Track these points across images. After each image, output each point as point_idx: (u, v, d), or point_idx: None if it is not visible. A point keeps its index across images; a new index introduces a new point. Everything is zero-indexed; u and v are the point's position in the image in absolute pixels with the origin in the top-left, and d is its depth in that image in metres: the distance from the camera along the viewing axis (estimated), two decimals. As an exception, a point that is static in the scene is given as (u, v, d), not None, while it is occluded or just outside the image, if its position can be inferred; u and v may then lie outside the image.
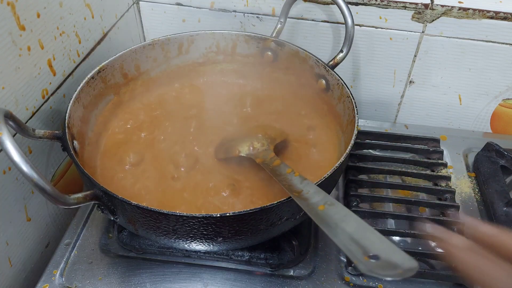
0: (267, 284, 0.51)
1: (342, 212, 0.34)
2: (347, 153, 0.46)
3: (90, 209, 0.59)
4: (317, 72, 0.59)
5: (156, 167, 0.54)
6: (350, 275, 0.52)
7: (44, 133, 0.46)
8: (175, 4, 0.72)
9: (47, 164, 0.56)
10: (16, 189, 0.51)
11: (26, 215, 0.54)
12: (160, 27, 0.75)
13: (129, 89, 0.62)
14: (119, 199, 0.40)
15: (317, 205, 0.36)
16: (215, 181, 0.52)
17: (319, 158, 0.56)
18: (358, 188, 0.60)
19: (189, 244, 0.44)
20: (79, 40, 0.59)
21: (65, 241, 0.56)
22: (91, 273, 0.52)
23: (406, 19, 0.65)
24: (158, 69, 0.65)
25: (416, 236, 0.55)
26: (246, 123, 0.61)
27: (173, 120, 0.61)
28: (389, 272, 0.27)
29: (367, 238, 0.30)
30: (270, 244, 0.53)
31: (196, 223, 0.40)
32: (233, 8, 0.70)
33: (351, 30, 0.59)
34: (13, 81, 0.47)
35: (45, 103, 0.53)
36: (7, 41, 0.45)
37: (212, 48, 0.66)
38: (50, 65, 0.53)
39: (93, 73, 0.55)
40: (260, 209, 0.40)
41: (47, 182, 0.35)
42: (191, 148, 0.57)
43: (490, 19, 0.63)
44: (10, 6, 0.45)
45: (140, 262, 0.53)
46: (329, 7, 0.67)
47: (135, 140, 0.58)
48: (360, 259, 0.28)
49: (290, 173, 0.43)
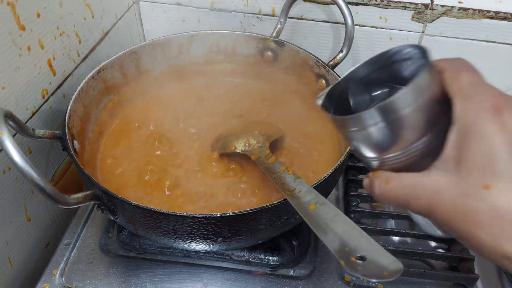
0: (267, 284, 0.51)
1: (333, 212, 0.34)
2: (347, 153, 0.46)
3: (90, 209, 0.59)
4: (317, 72, 0.59)
5: (156, 167, 0.54)
6: (350, 275, 0.52)
7: (44, 133, 0.46)
8: (175, 4, 0.72)
9: (47, 164, 0.56)
10: (16, 189, 0.51)
11: (26, 215, 0.54)
12: (160, 27, 0.75)
13: (129, 89, 0.62)
14: (119, 199, 0.40)
15: (308, 204, 0.36)
16: (215, 179, 0.52)
17: (319, 158, 0.56)
18: (358, 188, 0.60)
19: (189, 244, 0.44)
20: (79, 40, 0.59)
21: (65, 241, 0.56)
22: (91, 273, 0.52)
23: (406, 19, 0.65)
24: (158, 69, 0.65)
25: (416, 236, 0.55)
26: (244, 121, 0.61)
27: (173, 120, 0.61)
28: (375, 274, 0.27)
29: (355, 239, 0.30)
30: (270, 244, 0.53)
31: (196, 223, 0.40)
32: (233, 8, 0.70)
33: (351, 30, 0.59)
34: (13, 81, 0.47)
35: (45, 103, 0.53)
36: (7, 41, 0.45)
37: (212, 48, 0.66)
38: (50, 65, 0.53)
39: (93, 73, 0.55)
40: (260, 209, 0.40)
41: (47, 182, 0.35)
42: (191, 147, 0.57)
43: (490, 19, 0.63)
44: (10, 6, 0.45)
45: (140, 262, 0.53)
46: (329, 7, 0.67)
47: (135, 140, 0.58)
48: (347, 260, 0.28)
49: (284, 171, 0.43)
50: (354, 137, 0.30)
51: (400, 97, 0.27)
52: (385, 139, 0.29)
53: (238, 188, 0.51)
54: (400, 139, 0.28)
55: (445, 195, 0.27)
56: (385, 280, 0.27)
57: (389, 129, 0.28)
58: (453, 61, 0.30)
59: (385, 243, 0.55)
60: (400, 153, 0.29)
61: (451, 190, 0.27)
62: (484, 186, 0.26)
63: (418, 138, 0.28)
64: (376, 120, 0.28)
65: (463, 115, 0.27)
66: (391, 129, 0.28)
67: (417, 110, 0.27)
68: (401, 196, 0.30)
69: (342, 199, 0.61)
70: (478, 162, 0.26)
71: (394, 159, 0.30)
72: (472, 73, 0.29)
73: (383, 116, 0.28)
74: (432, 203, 0.28)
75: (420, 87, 0.27)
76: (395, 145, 0.29)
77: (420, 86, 0.27)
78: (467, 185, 0.26)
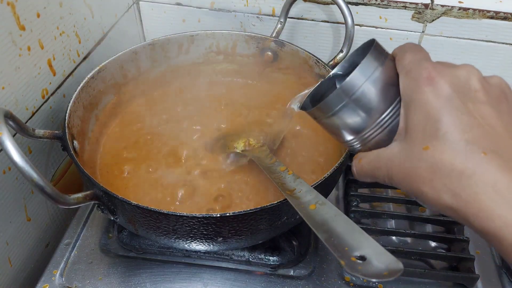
0: (267, 284, 0.51)
1: (332, 212, 0.34)
2: (347, 153, 0.46)
3: (90, 209, 0.59)
4: (317, 72, 0.59)
5: (156, 167, 0.54)
6: (350, 275, 0.52)
7: (44, 133, 0.46)
8: (175, 4, 0.72)
9: (47, 164, 0.56)
10: (16, 189, 0.51)
11: (26, 215, 0.54)
12: (160, 27, 0.75)
13: (129, 89, 0.62)
14: (119, 199, 0.40)
15: (308, 204, 0.36)
16: (215, 179, 0.52)
17: (319, 158, 0.56)
18: (358, 188, 0.60)
19: (189, 244, 0.44)
20: (79, 40, 0.59)
21: (65, 241, 0.56)
22: (91, 273, 0.52)
23: (406, 19, 0.65)
24: (158, 69, 0.65)
25: (415, 236, 0.55)
26: (244, 121, 0.61)
27: (173, 120, 0.61)
28: (375, 273, 0.27)
29: (355, 238, 0.30)
30: (270, 244, 0.53)
31: (196, 223, 0.40)
32: (233, 8, 0.70)
33: (351, 30, 0.59)
34: (13, 81, 0.47)
35: (45, 103, 0.53)
36: (7, 41, 0.45)
37: (212, 48, 0.66)
38: (50, 65, 0.53)
39: (93, 73, 0.55)
40: (260, 209, 0.40)
41: (47, 182, 0.35)
42: (191, 147, 0.57)
43: (490, 19, 0.63)
44: (10, 6, 0.45)
45: (140, 262, 0.53)
46: (329, 7, 0.67)
47: (135, 140, 0.58)
48: (346, 259, 0.28)
49: (284, 171, 0.43)
50: (330, 123, 0.35)
51: (354, 76, 0.32)
52: (353, 117, 0.33)
53: (238, 188, 0.51)
54: (366, 115, 0.33)
55: (396, 161, 0.31)
56: (385, 280, 0.27)
57: (354, 107, 0.33)
58: (402, 46, 0.34)
59: (385, 243, 0.55)
60: (370, 130, 0.33)
61: (401, 156, 0.31)
62: (424, 148, 0.29)
63: (380, 113, 0.32)
64: (341, 101, 0.33)
65: (405, 89, 0.31)
66: (356, 106, 0.33)
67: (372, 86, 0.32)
68: (369, 170, 0.34)
69: (342, 199, 0.61)
70: (419, 128, 0.30)
71: (367, 137, 0.34)
72: (413, 52, 0.32)
73: (345, 96, 0.32)
74: (388, 170, 0.32)
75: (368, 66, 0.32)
76: (364, 122, 0.33)
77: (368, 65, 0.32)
78: (412, 149, 0.30)
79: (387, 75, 0.32)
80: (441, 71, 0.30)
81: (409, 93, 0.31)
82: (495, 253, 0.55)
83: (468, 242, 0.53)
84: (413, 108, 0.30)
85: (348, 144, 0.35)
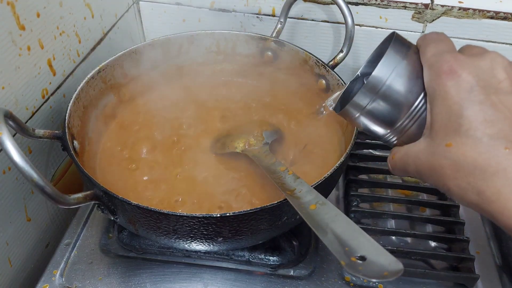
0: (267, 284, 0.51)
1: (333, 212, 0.34)
2: (347, 153, 0.46)
3: (90, 209, 0.59)
4: (317, 72, 0.59)
5: (156, 167, 0.54)
6: (351, 275, 0.52)
7: (44, 133, 0.46)
8: (175, 4, 0.72)
9: (47, 164, 0.56)
10: (16, 189, 0.51)
11: (26, 215, 0.54)
12: (160, 27, 0.75)
13: (129, 89, 0.62)
14: (119, 199, 0.40)
15: (308, 204, 0.36)
16: (215, 179, 0.52)
17: (319, 158, 0.56)
18: (358, 188, 0.60)
19: (189, 244, 0.44)
20: (79, 40, 0.59)
21: (65, 241, 0.56)
22: (91, 273, 0.52)
23: (406, 19, 0.65)
24: (158, 69, 0.64)
25: (416, 236, 0.55)
26: (244, 121, 0.61)
27: (173, 120, 0.61)
28: (375, 274, 0.27)
29: (355, 239, 0.30)
30: (270, 244, 0.53)
31: (197, 223, 0.40)
32: (233, 8, 0.70)
33: (351, 30, 0.59)
34: (13, 81, 0.47)
35: (45, 103, 0.53)
36: (7, 41, 0.45)
37: (212, 48, 0.66)
38: (50, 65, 0.53)
39: (93, 73, 0.55)
40: (260, 209, 0.40)
41: (47, 182, 0.35)
42: (191, 147, 0.57)
43: (490, 19, 0.63)
44: (10, 6, 0.45)
45: (140, 262, 0.53)
46: (329, 7, 0.67)
47: (135, 140, 0.58)
48: (347, 260, 0.28)
49: (284, 171, 0.43)
50: (362, 121, 0.34)
51: (377, 73, 0.32)
52: (383, 112, 0.33)
53: (238, 188, 0.51)
54: (395, 109, 0.32)
55: (422, 158, 0.31)
56: (385, 280, 0.27)
57: (382, 103, 0.32)
58: (425, 36, 0.33)
59: (385, 243, 0.55)
60: (400, 125, 0.33)
61: (426, 152, 0.31)
62: (447, 144, 0.29)
63: (409, 106, 0.32)
64: (368, 98, 0.33)
65: (428, 83, 0.31)
66: (383, 102, 0.32)
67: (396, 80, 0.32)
68: (401, 166, 0.34)
69: (342, 199, 0.61)
70: (442, 124, 0.30)
71: (399, 132, 0.33)
72: (436, 43, 0.32)
73: (371, 93, 0.32)
74: (417, 166, 0.32)
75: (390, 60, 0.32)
76: (393, 116, 0.33)
77: (390, 59, 0.32)
78: (436, 146, 0.30)
79: (411, 68, 0.32)
80: (463, 63, 0.29)
81: (432, 87, 0.30)
82: (495, 253, 0.55)
83: (468, 242, 0.53)
84: (436, 103, 0.30)
85: (383, 139, 0.35)
